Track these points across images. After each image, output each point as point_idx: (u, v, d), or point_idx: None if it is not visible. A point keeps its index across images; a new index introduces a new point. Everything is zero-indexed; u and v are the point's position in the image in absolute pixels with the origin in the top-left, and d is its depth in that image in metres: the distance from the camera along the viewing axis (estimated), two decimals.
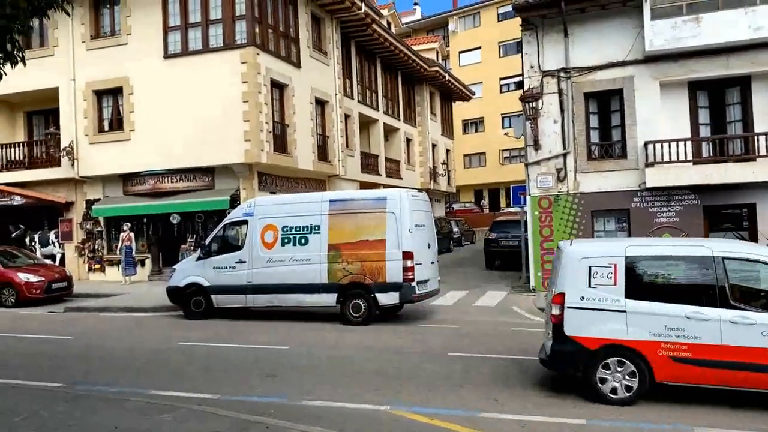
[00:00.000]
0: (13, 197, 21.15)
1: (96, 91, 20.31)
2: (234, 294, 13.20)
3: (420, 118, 34.34)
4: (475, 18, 51.46)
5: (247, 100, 18.26)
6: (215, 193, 19.07)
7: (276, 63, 19.59)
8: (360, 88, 27.00)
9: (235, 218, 13.67)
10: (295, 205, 13.14)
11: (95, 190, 20.94)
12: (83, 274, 21.02)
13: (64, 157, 20.40)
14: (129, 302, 15.74)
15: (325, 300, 12.55)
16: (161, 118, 19.22)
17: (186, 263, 14.15)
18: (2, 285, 16.41)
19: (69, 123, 20.55)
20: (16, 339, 11.57)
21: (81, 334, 11.91)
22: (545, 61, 16.02)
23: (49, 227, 21.94)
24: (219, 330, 12.00)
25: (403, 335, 11.10)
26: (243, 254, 13.19)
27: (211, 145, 18.53)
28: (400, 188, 13.70)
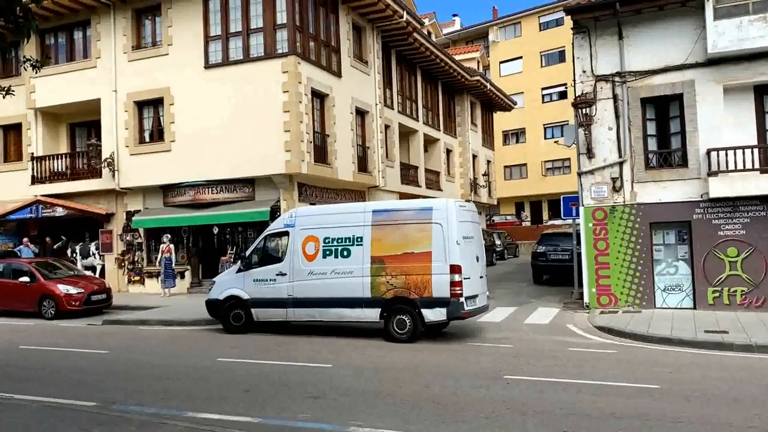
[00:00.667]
0: (55, 209, 21.23)
1: (137, 102, 20.27)
2: (274, 307, 12.74)
3: (460, 128, 33.70)
4: (516, 28, 50.68)
5: (287, 110, 17.92)
6: (255, 205, 18.74)
7: (317, 72, 19.25)
8: (400, 98, 26.53)
9: (275, 229, 13.24)
10: (336, 215, 12.64)
11: (136, 201, 20.86)
12: (123, 285, 20.91)
13: (105, 169, 20.37)
14: (168, 315, 15.43)
15: (368, 315, 11.97)
16: (201, 128, 19.04)
17: (226, 276, 13.76)
18: (43, 296, 16.30)
19: (110, 134, 20.55)
20: (53, 353, 11.28)
21: (118, 348, 11.57)
22: (598, 65, 15.25)
23: (90, 239, 21.96)
24: (259, 345, 11.52)
25: (452, 355, 10.43)
26: (283, 266, 12.73)
27: (252, 156, 18.25)
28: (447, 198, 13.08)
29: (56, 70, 21.29)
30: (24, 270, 16.85)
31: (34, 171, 21.84)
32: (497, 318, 14.11)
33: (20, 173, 22.32)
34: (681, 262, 14.65)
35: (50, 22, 21.38)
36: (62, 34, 21.70)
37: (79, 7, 20.48)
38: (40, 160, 21.85)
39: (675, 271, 14.67)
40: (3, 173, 22.87)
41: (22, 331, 14.34)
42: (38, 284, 16.44)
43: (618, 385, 8.05)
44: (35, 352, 11.28)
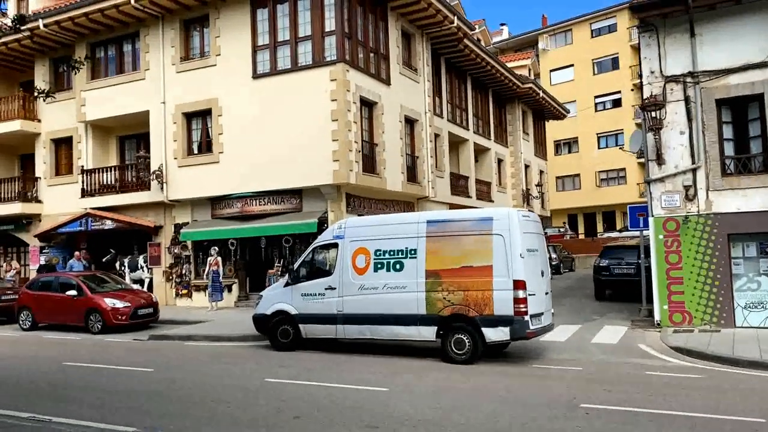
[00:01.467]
0: (104, 221, 21.19)
1: (185, 113, 20.08)
2: (323, 324, 12.07)
3: (512, 137, 32.70)
4: (567, 35, 49.40)
5: (336, 119, 17.39)
6: (303, 216, 18.22)
7: (365, 80, 18.69)
8: (450, 107, 25.78)
9: (324, 241, 12.61)
10: (388, 226, 11.92)
11: (184, 213, 20.63)
12: (170, 299, 20.65)
13: (154, 181, 20.22)
14: (214, 330, 14.96)
15: (424, 333, 11.18)
16: (250, 139, 18.69)
17: (273, 290, 13.19)
18: (90, 310, 16.07)
19: (159, 146, 20.42)
20: (96, 370, 10.86)
21: (162, 366, 11.08)
22: (668, 65, 14.17)
23: (138, 251, 21.84)
24: (308, 365, 10.85)
25: (518, 379, 9.54)
26: (333, 280, 12.07)
27: (299, 167, 17.76)
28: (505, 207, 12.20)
29: (106, 83, 21.36)
30: (71, 283, 16.68)
31: (84, 184, 21.89)
32: (561, 337, 13.12)
33: (71, 186, 22.43)
34: (764, 276, 13.39)
35: (100, 35, 21.50)
36: (112, 47, 21.77)
37: (129, 20, 20.48)
38: (90, 173, 21.90)
39: (757, 287, 13.41)
40: (54, 186, 23.05)
41: (68, 346, 14.07)
42: (85, 298, 16.23)
43: (715, 418, 7.05)
44: (78, 370, 10.88)
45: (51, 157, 23.25)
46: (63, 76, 23.34)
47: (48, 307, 16.79)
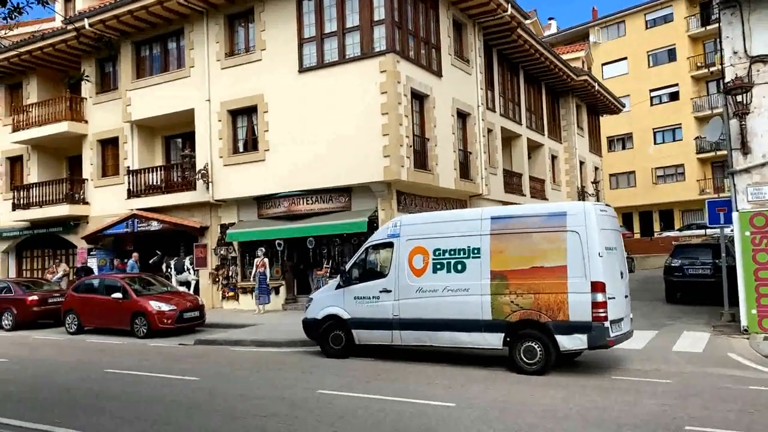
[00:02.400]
0: (150, 222, 20.82)
1: (230, 110, 19.54)
2: (378, 329, 11.19)
3: (565, 133, 31.29)
4: (620, 27, 47.48)
5: (386, 113, 16.54)
6: (352, 215, 17.43)
7: (416, 71, 17.78)
8: (502, 101, 24.65)
9: (378, 240, 11.73)
10: (448, 223, 10.95)
11: (230, 213, 20.09)
12: (217, 301, 20.13)
13: (199, 180, 19.73)
14: (262, 335, 14.26)
15: (489, 341, 10.17)
16: (296, 136, 18.01)
17: (324, 292, 12.38)
18: (135, 314, 15.59)
19: (204, 145, 19.93)
20: (137, 379, 10.22)
21: (208, 374, 10.38)
22: (753, 45, 12.82)
23: (185, 253, 21.42)
24: (362, 374, 9.98)
25: (600, 394, 8.46)
26: (388, 282, 11.18)
27: (348, 164, 16.99)
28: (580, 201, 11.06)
29: (151, 82, 21.02)
30: (117, 286, 16.26)
31: (130, 185, 21.59)
32: (637, 344, 11.89)
33: (117, 187, 22.21)
34: None
35: (145, 34, 21.18)
36: (156, 45, 21.43)
37: (173, 16, 20.07)
38: (136, 174, 21.59)
39: None
40: (101, 188, 22.86)
41: (112, 351, 13.56)
42: (131, 301, 15.77)
43: None
44: (120, 378, 10.26)
45: (98, 158, 23.07)
46: (109, 76, 23.16)
47: (93, 310, 16.41)
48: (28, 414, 7.88)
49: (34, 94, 24.45)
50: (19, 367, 11.64)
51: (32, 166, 24.73)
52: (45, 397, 8.95)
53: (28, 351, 13.79)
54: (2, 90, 25.77)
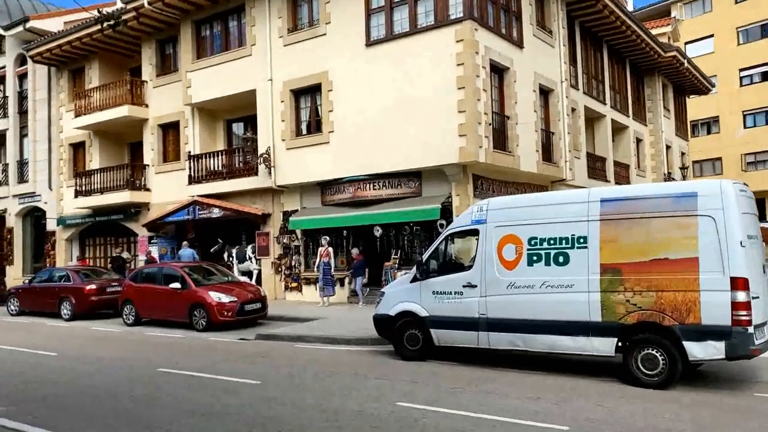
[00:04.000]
0: (211, 209, 19.92)
1: (293, 90, 18.34)
2: (461, 329, 9.70)
3: (651, 114, 28.79)
4: (705, 2, 43.91)
5: (462, 87, 14.95)
6: (423, 201, 15.95)
7: (496, 41, 16.10)
8: (585, 78, 22.57)
9: (461, 227, 10.20)
10: (547, 207, 9.32)
11: (292, 200, 18.95)
12: (279, 292, 19.06)
13: (261, 165, 18.64)
14: (328, 330, 12.99)
15: (598, 347, 8.52)
16: (362, 116, 16.65)
17: (397, 286, 10.94)
18: (194, 305, 14.59)
19: (266, 128, 18.83)
20: (192, 381, 9.06)
21: (270, 377, 9.13)
22: None
23: (246, 241, 20.48)
24: (448, 382, 8.50)
25: (753, 418, 6.71)
26: (473, 275, 9.65)
27: (419, 145, 15.52)
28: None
29: (211, 62, 20.06)
30: (176, 275, 15.32)
31: (191, 170, 20.76)
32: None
33: (178, 173, 21.45)
34: None
35: (205, 12, 20.24)
36: (217, 24, 20.44)
37: None
38: (197, 159, 20.73)
39: None
40: (162, 174, 22.17)
41: (168, 346, 12.56)
42: (189, 291, 14.79)
43: None
44: (172, 380, 9.14)
45: (158, 143, 22.39)
46: (169, 59, 22.40)
47: (151, 300, 15.55)
48: (61, 425, 6.79)
49: (95, 79, 24.00)
50: (67, 363, 10.74)
51: (94, 152, 24.32)
52: (86, 403, 7.87)
53: (80, 344, 12.96)
54: (66, 76, 25.48)
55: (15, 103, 27.50)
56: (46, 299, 18.00)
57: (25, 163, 27.14)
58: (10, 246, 27.50)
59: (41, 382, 9.17)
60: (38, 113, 26.40)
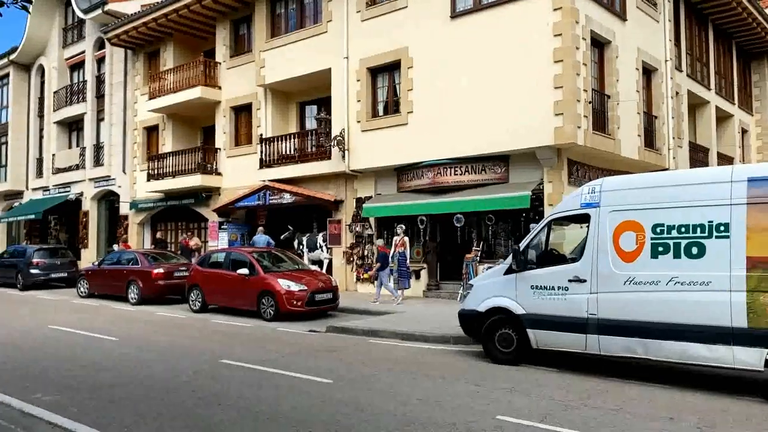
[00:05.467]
0: (282, 195, 19.09)
1: (371, 68, 17.21)
2: (565, 330, 8.27)
3: (758, 104, 26.11)
4: None
5: (560, 60, 13.42)
6: (511, 188, 14.50)
7: (597, 11, 14.46)
8: (689, 59, 20.43)
9: (567, 211, 8.76)
10: (677, 188, 7.76)
11: (366, 186, 17.87)
12: (351, 283, 18.03)
13: (334, 148, 17.63)
14: (404, 326, 11.79)
15: (742, 358, 6.96)
16: (444, 95, 15.37)
17: (488, 279, 9.57)
18: (262, 293, 13.71)
19: (340, 109, 17.80)
20: (258, 375, 8.04)
21: (344, 375, 8.00)
22: None
23: (317, 229, 19.57)
24: (553, 393, 7.12)
25: None
26: (581, 268, 8.21)
27: (507, 126, 14.10)
28: None
29: (286, 41, 19.21)
30: (244, 261, 14.50)
31: (263, 154, 20.01)
32: None
33: (249, 157, 20.77)
34: None
35: None
36: (293, 1, 19.57)
37: None
38: (269, 143, 19.96)
39: None
40: (234, 158, 21.56)
41: (234, 336, 11.66)
42: (257, 278, 13.92)
43: None
44: (236, 374, 8.14)
45: (230, 126, 21.79)
46: (243, 39, 21.76)
47: (218, 286, 14.80)
48: (108, 422, 5.86)
49: (170, 62, 23.67)
50: (127, 349, 9.96)
51: (167, 136, 24.03)
52: (140, 396, 6.95)
53: (143, 330, 12.27)
54: (141, 59, 25.34)
55: (93, 88, 27.67)
56: (114, 282, 17.63)
57: (101, 147, 27.27)
58: (86, 229, 27.73)
59: (96, 368, 8.39)
60: (114, 97, 26.43)
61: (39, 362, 8.78)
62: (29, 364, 8.67)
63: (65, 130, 29.88)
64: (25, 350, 9.78)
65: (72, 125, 29.62)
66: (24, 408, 6.25)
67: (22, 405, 6.35)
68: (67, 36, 29.71)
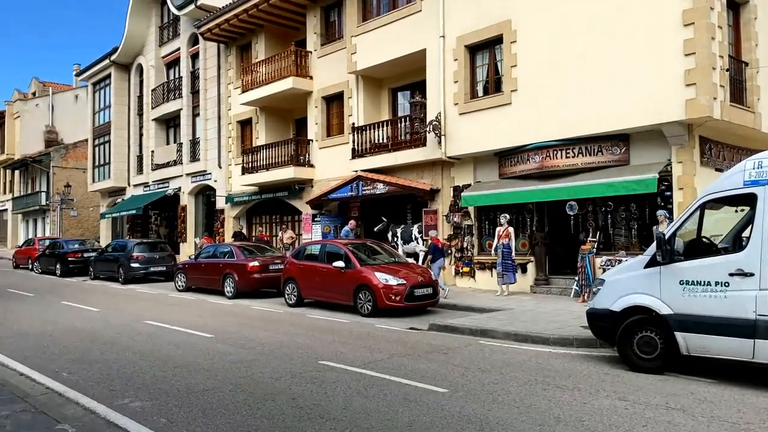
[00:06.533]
0: (375, 185, 18.28)
1: (469, 46, 16.05)
2: (726, 335, 6.87)
3: None
4: None
5: (690, 22, 11.75)
6: (633, 171, 12.95)
7: None
8: None
9: (726, 191, 7.29)
10: None
11: (464, 173, 16.75)
12: (449, 278, 16.95)
13: (430, 133, 16.59)
14: (516, 325, 10.62)
15: None
16: (553, 69, 14.00)
17: (624, 273, 8.21)
18: (359, 287, 12.91)
19: (436, 92, 16.75)
20: (366, 382, 7.15)
21: (460, 384, 6.97)
22: None
23: (412, 220, 18.64)
24: (727, 413, 5.78)
25: None
26: (746, 260, 6.79)
27: (627, 100, 12.61)
28: None
29: (378, 23, 18.34)
30: (339, 253, 13.76)
31: (355, 143, 19.28)
32: None
33: (341, 148, 20.14)
34: None
35: None
36: None
37: None
38: (361, 131, 19.19)
39: None
40: (325, 149, 21.00)
41: (332, 332, 10.89)
42: (354, 271, 13.14)
43: None
44: (340, 378, 7.31)
45: (322, 116, 21.23)
46: (334, 26, 21.13)
47: (314, 280, 14.15)
48: None
49: (261, 54, 23.43)
50: (222, 347, 9.38)
51: (260, 129, 23.84)
52: (237, 403, 6.21)
53: (240, 325, 11.74)
54: (234, 52, 25.30)
55: (188, 84, 28.02)
56: (210, 275, 17.44)
57: (197, 142, 27.56)
58: (184, 224, 28.16)
59: (190, 369, 7.79)
60: (209, 92, 26.59)
61: (130, 361, 8.31)
62: (121, 363, 8.21)
63: (163, 127, 30.53)
64: (119, 347, 9.40)
65: (169, 122, 30.20)
66: (109, 416, 5.65)
67: (107, 412, 5.76)
68: (163, 34, 30.30)
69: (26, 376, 7.47)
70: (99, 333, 10.84)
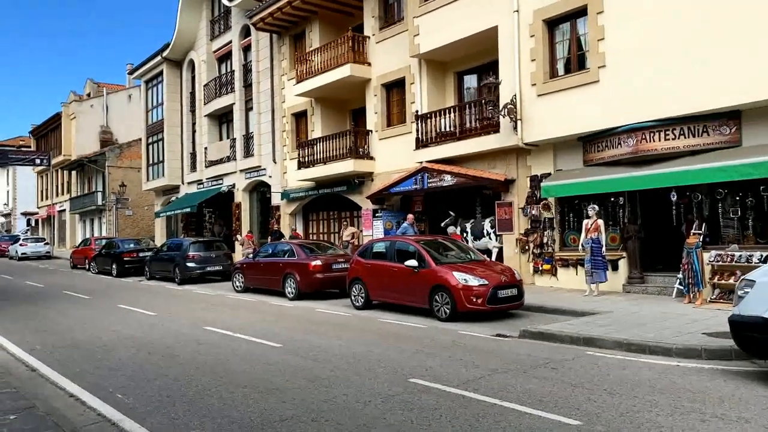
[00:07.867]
0: (442, 177, 16.98)
1: (547, 20, 14.55)
2: None
3: None
4: None
5: None
6: (743, 153, 11.28)
7: None
8: None
9: None
10: None
11: (543, 162, 15.28)
12: (527, 276, 15.49)
13: (504, 117, 15.17)
14: (626, 332, 9.17)
15: None
16: (647, 40, 12.40)
17: None
18: (435, 288, 11.66)
19: (510, 73, 15.30)
20: (475, 410, 5.88)
21: (591, 411, 5.64)
22: None
23: (482, 214, 17.27)
24: None
25: None
26: None
27: (737, 72, 11.00)
28: None
29: (443, 1, 16.94)
30: (410, 251, 12.54)
31: (418, 132, 18.00)
32: None
33: (403, 138, 18.91)
34: None
35: None
36: None
37: None
38: (424, 119, 17.90)
39: None
40: (386, 140, 19.80)
41: (410, 340, 9.67)
42: (428, 270, 11.89)
43: None
44: (440, 403, 6.08)
45: (382, 105, 20.03)
46: (393, 8, 19.89)
47: (383, 280, 12.98)
48: None
49: (316, 42, 22.39)
50: (293, 360, 8.27)
51: (316, 121, 22.82)
52: None
53: (307, 332, 10.65)
54: (287, 42, 24.36)
55: (240, 77, 27.27)
56: (269, 275, 16.50)
57: (250, 137, 26.79)
58: (239, 221, 27.45)
59: (261, 390, 6.68)
60: (261, 84, 25.75)
61: (193, 379, 7.28)
62: (182, 381, 7.18)
63: (216, 123, 29.92)
64: (179, 361, 8.41)
65: (222, 117, 29.57)
66: None
67: None
68: (214, 28, 29.67)
69: (76, 398, 6.52)
70: (157, 342, 9.92)
